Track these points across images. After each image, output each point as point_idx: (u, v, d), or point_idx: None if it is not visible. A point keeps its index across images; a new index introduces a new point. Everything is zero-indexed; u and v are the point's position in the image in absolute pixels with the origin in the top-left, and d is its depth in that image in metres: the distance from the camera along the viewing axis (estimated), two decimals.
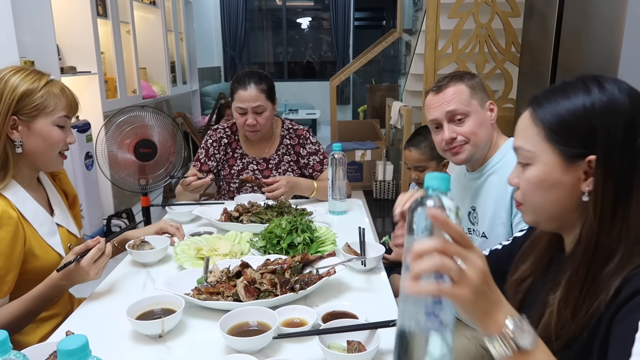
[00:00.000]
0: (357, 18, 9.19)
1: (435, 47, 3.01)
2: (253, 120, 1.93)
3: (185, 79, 6.08)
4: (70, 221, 1.41)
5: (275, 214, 1.63)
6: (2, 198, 1.18)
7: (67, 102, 1.28)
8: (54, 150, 1.28)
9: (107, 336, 1.05)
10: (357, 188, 5.03)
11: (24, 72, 1.22)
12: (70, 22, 3.41)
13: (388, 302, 1.17)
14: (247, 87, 1.91)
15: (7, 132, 1.20)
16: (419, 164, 1.99)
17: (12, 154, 1.22)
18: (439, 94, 1.37)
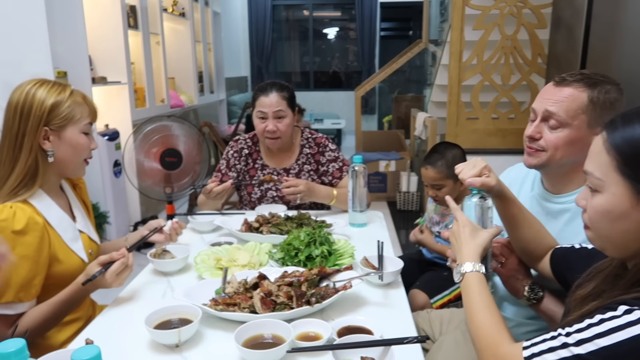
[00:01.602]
0: (384, 28, 9.20)
1: (459, 58, 2.99)
2: (273, 126, 1.95)
3: (213, 89, 6.19)
4: (91, 228, 1.46)
5: (295, 225, 1.64)
6: (28, 205, 1.23)
7: (90, 110, 1.35)
8: (80, 157, 1.34)
9: (126, 344, 1.07)
10: (380, 199, 5.00)
11: (47, 85, 1.28)
12: (102, 34, 3.52)
13: (404, 318, 1.16)
14: (269, 94, 1.95)
15: (39, 142, 1.26)
16: (435, 182, 1.96)
17: (42, 164, 1.27)
18: (557, 87, 1.18)
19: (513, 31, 2.93)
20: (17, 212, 1.18)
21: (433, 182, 1.96)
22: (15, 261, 1.16)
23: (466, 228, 1.05)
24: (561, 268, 1.08)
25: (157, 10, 4.27)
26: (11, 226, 1.16)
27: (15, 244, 1.17)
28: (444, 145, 2.04)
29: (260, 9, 8.83)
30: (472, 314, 0.94)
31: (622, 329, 0.71)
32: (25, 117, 1.24)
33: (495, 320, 0.90)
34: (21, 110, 1.24)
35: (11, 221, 1.17)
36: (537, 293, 1.16)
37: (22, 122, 1.24)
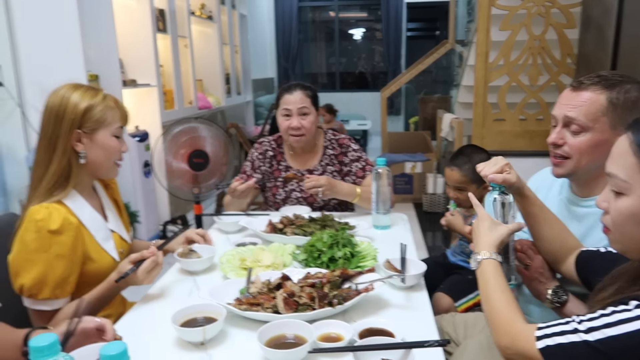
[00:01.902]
0: (410, 29, 9.14)
1: (486, 59, 2.95)
2: (298, 122, 1.98)
3: (240, 90, 6.26)
4: (122, 227, 1.50)
5: (319, 227, 1.65)
6: (63, 206, 1.28)
7: (121, 114, 1.39)
8: (111, 159, 1.38)
9: (153, 340, 1.10)
10: (407, 200, 4.98)
11: (81, 89, 1.32)
12: (132, 38, 3.61)
13: (427, 321, 1.16)
14: (293, 92, 2.00)
15: (72, 145, 1.30)
16: (459, 184, 1.95)
17: (75, 165, 1.32)
18: (574, 92, 1.17)
19: (541, 31, 2.87)
20: (53, 212, 1.23)
21: (457, 184, 1.95)
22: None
23: (485, 222, 1.09)
24: (586, 271, 1.07)
25: (185, 13, 4.36)
26: (47, 226, 1.21)
27: (51, 243, 1.22)
28: (471, 149, 2.02)
29: (287, 11, 8.89)
30: (487, 295, 0.98)
31: (631, 322, 0.73)
32: (59, 120, 1.29)
33: (510, 301, 0.94)
34: (56, 114, 1.29)
35: (47, 221, 1.22)
36: (561, 297, 1.15)
37: (56, 125, 1.29)
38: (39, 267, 1.21)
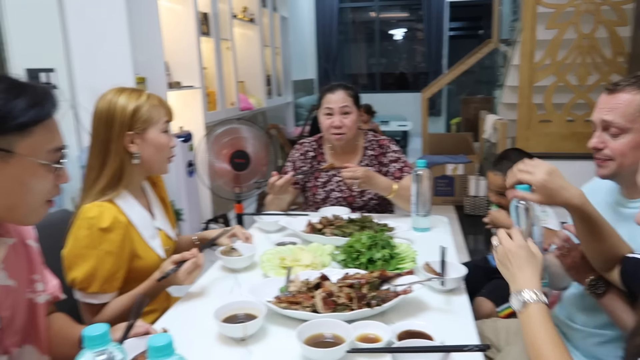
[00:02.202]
0: (452, 28, 8.98)
1: (531, 59, 2.87)
2: (339, 121, 1.99)
3: (280, 91, 6.34)
4: (168, 225, 1.55)
5: (358, 228, 1.65)
6: (114, 205, 1.34)
7: (166, 110, 1.44)
8: (164, 155, 1.43)
9: (196, 335, 1.14)
10: (447, 203, 4.90)
11: (126, 93, 1.38)
12: (177, 41, 3.73)
13: (466, 325, 1.15)
14: (335, 92, 2.02)
15: (126, 146, 1.35)
16: (502, 189, 1.91)
17: (127, 166, 1.37)
18: (610, 95, 1.17)
19: (590, 29, 2.77)
20: (104, 211, 1.29)
21: (500, 189, 1.91)
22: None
23: (522, 250, 0.99)
24: (630, 278, 1.03)
25: (228, 17, 4.45)
26: (98, 224, 1.27)
27: (101, 241, 1.28)
28: (515, 153, 1.98)
29: (327, 12, 8.92)
30: (536, 348, 0.89)
31: None
32: (110, 125, 1.34)
33: (562, 355, 0.87)
34: (106, 118, 1.34)
35: (98, 219, 1.28)
36: (599, 289, 1.13)
37: (107, 129, 1.34)
38: (90, 262, 1.27)
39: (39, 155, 0.89)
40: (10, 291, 0.96)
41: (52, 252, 1.31)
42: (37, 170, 0.89)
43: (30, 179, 0.88)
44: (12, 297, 0.97)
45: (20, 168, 0.87)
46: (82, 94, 3.13)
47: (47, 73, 2.93)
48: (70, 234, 1.30)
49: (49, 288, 1.11)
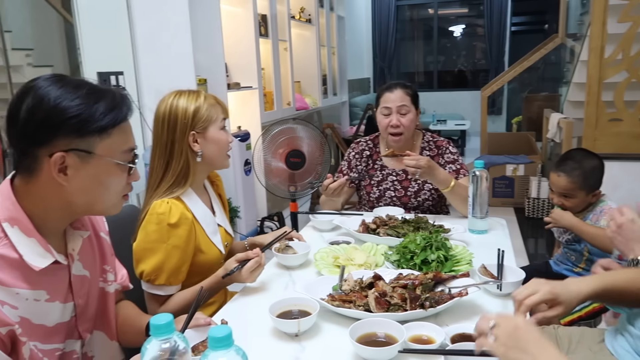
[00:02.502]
0: (515, 23, 8.65)
1: (600, 54, 2.72)
2: (397, 120, 1.98)
3: (336, 91, 6.37)
4: (227, 222, 1.61)
5: (412, 229, 1.64)
6: (180, 201, 1.41)
7: (222, 108, 1.49)
8: (224, 151, 1.49)
9: (252, 328, 1.18)
10: (506, 205, 4.74)
11: (185, 95, 1.44)
12: (236, 43, 3.83)
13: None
14: (394, 90, 2.00)
15: (190, 146, 1.42)
16: (566, 191, 1.82)
17: (192, 164, 1.44)
18: None
19: None
20: (172, 207, 1.36)
21: (564, 190, 1.83)
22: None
23: (531, 326, 0.83)
24: None
25: (286, 18, 4.52)
26: (167, 219, 1.34)
27: (169, 235, 1.35)
28: (581, 153, 1.88)
29: (384, 10, 8.86)
30: None
31: None
32: (172, 127, 1.41)
33: None
34: (168, 121, 1.41)
35: (167, 215, 1.35)
36: None
37: (169, 131, 1.41)
38: (158, 255, 1.35)
39: (115, 155, 0.95)
40: (85, 281, 1.04)
41: (120, 244, 1.40)
42: (114, 169, 0.95)
43: (107, 177, 0.95)
44: (87, 286, 1.05)
45: (99, 168, 0.93)
46: (148, 95, 3.30)
47: (117, 76, 3.10)
48: (140, 228, 1.38)
49: (119, 278, 1.18)
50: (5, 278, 0.85)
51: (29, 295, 0.89)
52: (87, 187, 0.93)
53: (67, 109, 0.88)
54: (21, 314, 0.88)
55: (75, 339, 1.03)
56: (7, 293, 0.86)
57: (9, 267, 0.87)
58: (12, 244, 0.88)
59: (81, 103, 0.89)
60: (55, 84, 0.89)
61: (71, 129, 0.88)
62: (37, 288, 0.91)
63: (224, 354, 0.69)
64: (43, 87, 0.88)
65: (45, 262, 0.91)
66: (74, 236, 1.01)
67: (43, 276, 0.92)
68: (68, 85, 0.90)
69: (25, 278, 0.89)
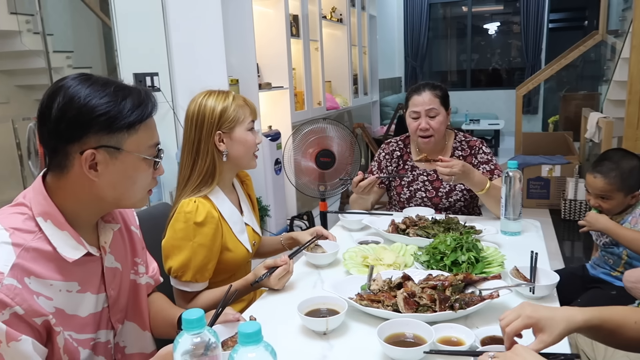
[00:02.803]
0: (553, 20, 8.42)
1: None
2: (426, 124, 1.96)
3: (367, 90, 6.34)
4: (255, 221, 1.63)
5: (442, 230, 1.62)
6: (208, 200, 1.43)
7: (251, 110, 1.50)
8: (250, 151, 1.50)
9: (280, 325, 1.19)
10: (542, 206, 4.62)
11: (214, 95, 1.46)
12: (268, 43, 3.87)
13: None
14: (422, 93, 1.97)
15: (216, 145, 1.45)
16: (603, 193, 1.76)
17: (219, 163, 1.46)
18: None
19: None
20: (199, 206, 1.39)
21: (600, 192, 1.77)
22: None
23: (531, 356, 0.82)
24: None
25: (317, 18, 4.53)
26: (194, 218, 1.37)
27: (196, 234, 1.37)
28: (619, 154, 1.82)
29: (417, 9, 8.77)
30: None
31: None
32: (199, 126, 1.44)
33: None
34: (196, 120, 1.44)
35: (194, 214, 1.37)
36: None
37: (197, 130, 1.44)
38: (185, 253, 1.38)
39: (142, 150, 0.98)
40: (117, 273, 1.07)
41: (154, 240, 1.44)
42: (141, 164, 0.98)
43: (134, 172, 0.98)
44: (119, 278, 1.08)
45: (127, 163, 0.96)
46: (181, 95, 3.37)
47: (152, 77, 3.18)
48: (169, 226, 1.41)
49: (150, 270, 1.22)
50: (40, 270, 0.89)
51: (62, 287, 0.93)
52: (116, 182, 0.96)
53: (97, 106, 0.90)
54: (56, 304, 0.92)
55: (108, 329, 1.07)
56: (42, 285, 0.89)
57: (44, 260, 0.90)
58: (46, 237, 0.91)
59: (109, 101, 0.91)
60: (84, 83, 0.92)
61: (101, 126, 0.91)
62: (69, 280, 0.95)
63: (253, 350, 0.71)
64: (72, 86, 0.91)
65: (77, 254, 0.95)
66: (105, 229, 1.05)
67: (76, 268, 0.96)
68: (96, 83, 0.93)
69: (59, 270, 0.93)
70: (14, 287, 0.84)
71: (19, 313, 0.84)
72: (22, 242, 0.88)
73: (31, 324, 0.87)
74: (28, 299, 0.86)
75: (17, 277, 0.85)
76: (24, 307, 0.85)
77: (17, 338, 0.83)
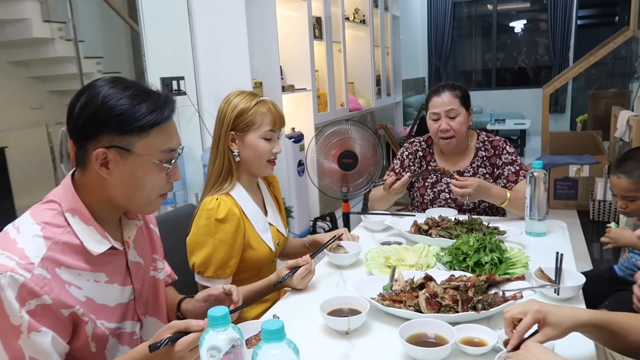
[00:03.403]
0: (581, 16, 8.23)
1: None
2: (446, 125, 1.95)
3: (390, 91, 6.32)
4: (280, 222, 1.65)
5: (465, 230, 1.62)
6: (230, 197, 1.46)
7: (272, 119, 1.49)
8: (262, 159, 1.51)
9: (304, 325, 1.20)
10: (569, 207, 4.53)
11: (243, 95, 1.49)
12: (291, 46, 3.90)
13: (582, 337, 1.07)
14: (441, 94, 1.97)
15: (228, 144, 1.48)
16: (628, 193, 1.72)
17: (234, 162, 1.50)
18: None
19: None
20: (221, 203, 1.43)
21: (626, 193, 1.73)
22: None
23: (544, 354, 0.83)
24: None
25: (340, 19, 4.55)
26: (215, 215, 1.41)
27: (217, 230, 1.41)
28: None
29: (441, 8, 8.70)
30: None
31: None
32: (221, 122, 1.48)
33: None
34: (220, 117, 1.49)
35: (215, 211, 1.41)
36: None
37: (219, 126, 1.49)
38: (207, 249, 1.41)
39: (152, 154, 0.99)
40: (139, 267, 1.12)
41: (179, 240, 1.48)
42: (151, 168, 0.99)
43: (144, 175, 0.99)
44: (142, 272, 1.13)
45: (136, 165, 0.98)
46: (206, 98, 3.43)
47: (178, 81, 3.25)
48: (193, 223, 1.45)
49: (167, 269, 1.26)
50: (70, 261, 0.94)
51: (90, 277, 0.98)
52: (125, 182, 0.99)
53: (112, 107, 0.94)
54: (86, 294, 0.97)
55: (134, 321, 1.11)
56: (72, 275, 0.94)
57: (72, 252, 0.95)
58: (74, 232, 0.96)
59: (125, 103, 0.95)
60: (110, 84, 0.97)
61: (114, 127, 0.95)
62: (97, 271, 0.99)
63: (276, 346, 0.73)
64: (98, 87, 0.96)
65: (102, 248, 0.99)
66: (129, 225, 1.10)
67: (102, 261, 1.00)
68: (119, 85, 0.97)
69: (87, 262, 0.97)
70: (43, 277, 0.89)
71: (46, 303, 0.89)
72: (52, 235, 0.93)
73: (58, 315, 0.91)
74: (57, 289, 0.90)
75: (47, 268, 0.90)
76: (52, 296, 0.89)
77: (38, 329, 0.88)
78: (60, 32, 3.81)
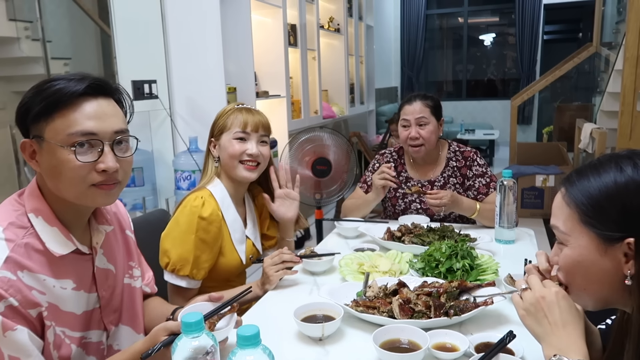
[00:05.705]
0: (548, 32, 8.52)
1: (636, 63, 2.67)
2: (416, 132, 1.99)
3: (363, 100, 6.37)
4: (257, 237, 1.65)
5: (437, 237, 1.64)
6: (212, 199, 1.46)
7: (243, 120, 1.51)
8: (233, 160, 1.50)
9: (276, 331, 1.19)
10: (536, 216, 4.65)
11: (229, 105, 1.55)
12: (266, 52, 3.89)
13: None
14: (413, 103, 2.02)
15: (210, 150, 1.54)
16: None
17: (218, 169, 1.55)
18: None
19: None
20: (206, 203, 1.43)
21: None
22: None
23: (564, 301, 0.82)
24: None
25: (315, 27, 4.57)
26: (199, 212, 1.40)
27: (199, 227, 1.40)
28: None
29: (413, 19, 8.85)
30: None
31: None
32: (209, 133, 1.55)
33: None
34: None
35: (200, 208, 1.41)
36: None
37: (208, 137, 1.56)
38: (187, 246, 1.39)
39: (59, 139, 0.92)
40: (109, 274, 1.08)
41: (150, 245, 1.45)
42: (60, 152, 0.92)
43: (57, 163, 0.92)
44: (112, 279, 1.09)
45: (50, 152, 0.93)
46: (179, 103, 3.38)
47: (150, 84, 3.19)
48: (171, 220, 1.44)
49: (145, 279, 1.23)
50: (32, 265, 0.91)
51: (55, 283, 0.94)
52: (47, 172, 0.96)
53: (22, 100, 0.95)
54: (48, 299, 0.93)
55: (100, 330, 1.07)
56: (35, 279, 0.91)
57: (36, 255, 0.92)
58: (37, 233, 0.93)
59: (31, 95, 0.94)
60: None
61: (24, 118, 0.95)
62: (62, 277, 0.96)
63: (252, 353, 0.72)
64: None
65: (65, 250, 0.96)
66: (97, 230, 1.07)
67: (67, 265, 0.97)
68: (44, 80, 0.96)
69: (51, 266, 0.94)
70: (8, 279, 0.86)
71: (13, 305, 0.86)
72: (14, 237, 0.90)
73: (26, 316, 0.88)
74: (22, 290, 0.88)
75: (10, 270, 0.87)
76: (18, 298, 0.86)
77: (13, 327, 0.85)
78: (26, 31, 3.69)
